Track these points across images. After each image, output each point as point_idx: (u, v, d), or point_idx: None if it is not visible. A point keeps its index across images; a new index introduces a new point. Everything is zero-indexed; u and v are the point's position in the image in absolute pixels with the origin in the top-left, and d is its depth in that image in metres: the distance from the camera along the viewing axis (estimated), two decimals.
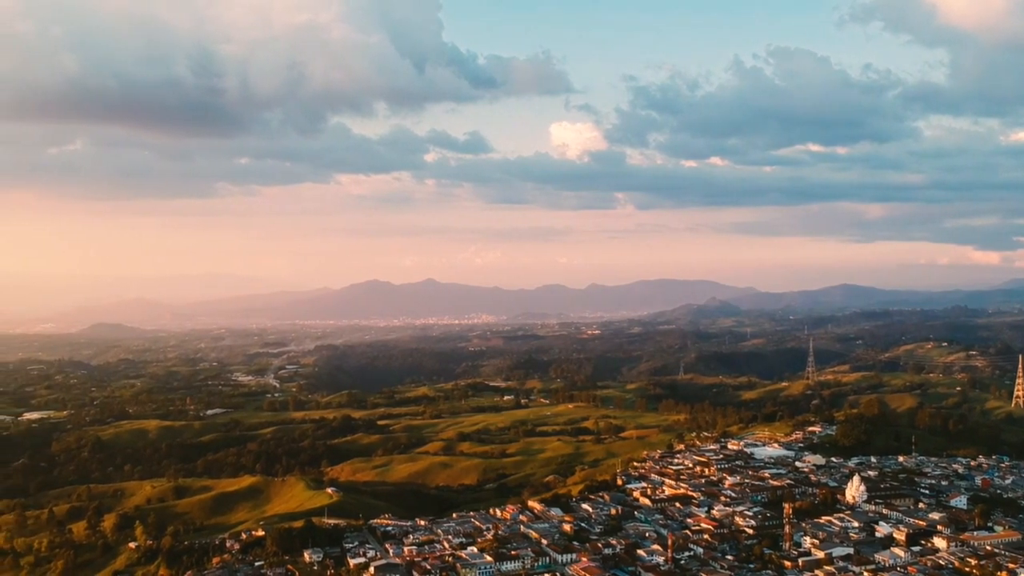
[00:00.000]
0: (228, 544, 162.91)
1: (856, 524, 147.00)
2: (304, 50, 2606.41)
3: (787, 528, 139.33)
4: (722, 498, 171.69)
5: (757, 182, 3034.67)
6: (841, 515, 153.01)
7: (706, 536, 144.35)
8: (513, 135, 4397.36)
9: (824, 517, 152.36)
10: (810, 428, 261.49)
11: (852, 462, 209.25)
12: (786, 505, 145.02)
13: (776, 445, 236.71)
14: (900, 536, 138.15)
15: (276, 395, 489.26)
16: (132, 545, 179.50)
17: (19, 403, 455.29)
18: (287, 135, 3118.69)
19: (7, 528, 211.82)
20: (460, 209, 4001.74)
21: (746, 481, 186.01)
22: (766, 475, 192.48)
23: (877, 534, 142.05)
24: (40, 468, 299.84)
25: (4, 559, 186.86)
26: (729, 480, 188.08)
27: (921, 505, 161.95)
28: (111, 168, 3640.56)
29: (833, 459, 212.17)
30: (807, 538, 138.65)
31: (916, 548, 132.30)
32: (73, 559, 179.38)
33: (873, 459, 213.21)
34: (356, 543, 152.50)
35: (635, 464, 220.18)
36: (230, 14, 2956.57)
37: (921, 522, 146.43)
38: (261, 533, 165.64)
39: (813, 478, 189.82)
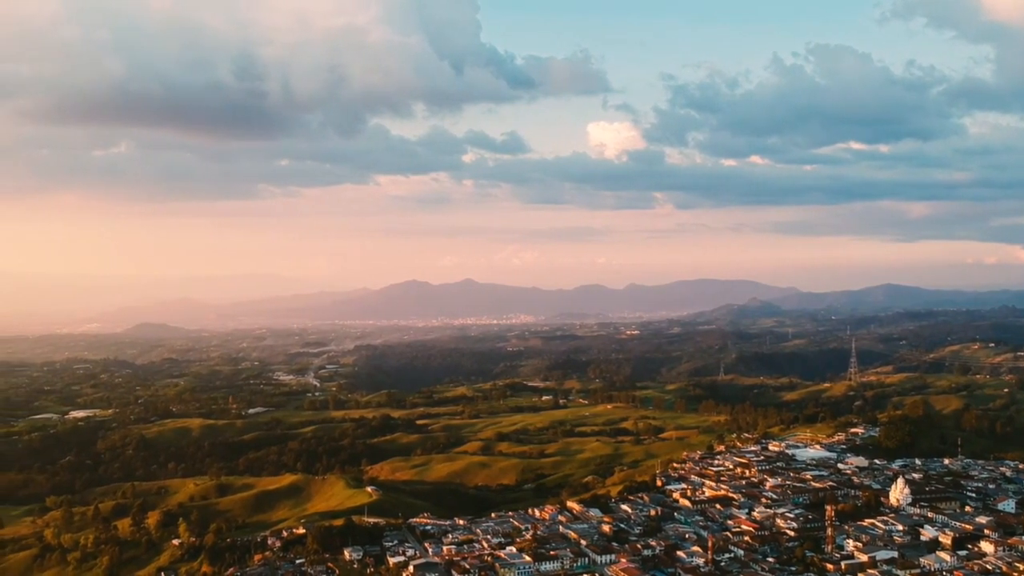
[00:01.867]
0: (270, 542, 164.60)
1: (900, 527, 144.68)
2: (343, 52, 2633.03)
3: (829, 531, 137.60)
4: (763, 500, 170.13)
5: (798, 181, 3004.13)
6: (885, 518, 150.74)
7: (747, 538, 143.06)
8: (550, 135, 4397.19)
9: (867, 520, 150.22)
10: (853, 430, 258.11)
11: (896, 464, 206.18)
12: (828, 507, 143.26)
13: (818, 447, 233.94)
14: (946, 540, 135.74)
15: (316, 394, 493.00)
16: (176, 542, 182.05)
17: (66, 401, 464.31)
18: (327, 137, 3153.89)
19: (54, 524, 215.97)
20: (498, 209, 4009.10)
21: (787, 483, 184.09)
22: (808, 477, 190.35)
23: (922, 538, 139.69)
24: (86, 466, 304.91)
25: (52, 555, 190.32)
26: (770, 482, 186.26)
27: (968, 509, 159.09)
28: (155, 170, 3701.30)
29: (876, 461, 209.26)
30: (850, 541, 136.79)
31: (962, 552, 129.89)
32: (118, 555, 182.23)
33: (918, 461, 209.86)
34: (396, 542, 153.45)
35: (675, 465, 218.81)
36: (270, 17, 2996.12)
37: (968, 526, 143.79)
38: (302, 531, 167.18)
39: (856, 480, 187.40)
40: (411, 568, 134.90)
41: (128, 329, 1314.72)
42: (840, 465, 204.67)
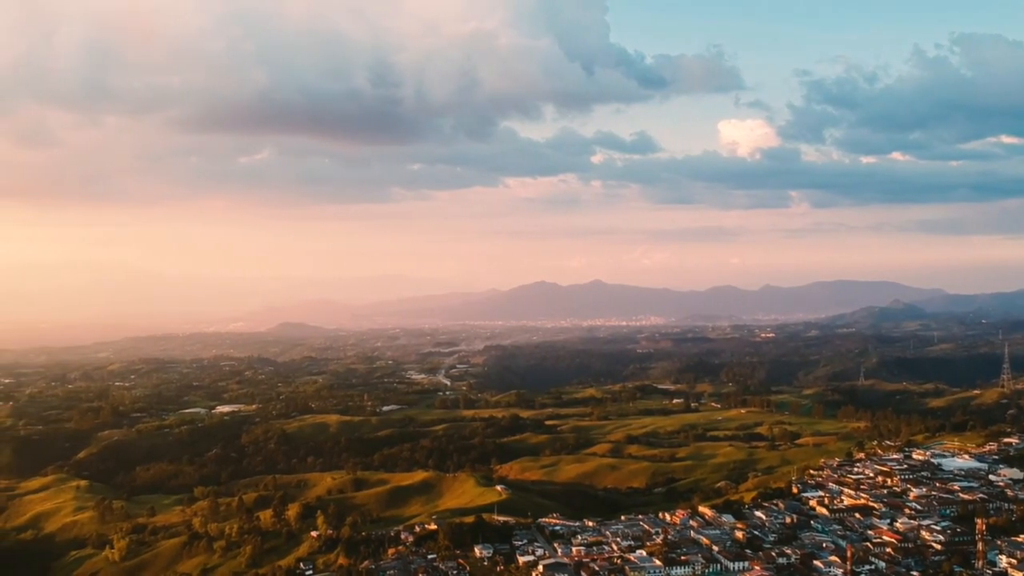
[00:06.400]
0: (403, 536, 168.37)
1: None
2: (475, 57, 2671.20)
3: (980, 545, 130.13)
4: (906, 510, 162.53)
5: (944, 178, 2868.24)
6: None
7: (888, 550, 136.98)
8: (680, 134, 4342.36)
9: (1022, 536, 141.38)
10: (1006, 440, 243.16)
11: None
12: (979, 521, 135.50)
13: (967, 456, 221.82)
14: None
15: (447, 393, 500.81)
16: (314, 534, 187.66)
17: (213, 397, 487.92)
18: (458, 140, 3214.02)
19: (202, 514, 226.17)
20: (627, 210, 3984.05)
21: (933, 494, 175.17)
22: (956, 488, 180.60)
23: None
24: (231, 458, 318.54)
25: (199, 542, 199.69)
26: (914, 492, 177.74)
27: None
28: (295, 176, 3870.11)
29: None
30: (1003, 557, 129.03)
31: None
32: (260, 545, 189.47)
33: None
34: (525, 541, 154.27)
35: (811, 472, 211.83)
36: (403, 24, 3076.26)
37: None
38: (434, 527, 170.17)
39: (1010, 493, 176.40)
40: (540, 568, 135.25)
41: (271, 328, 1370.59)
42: (991, 476, 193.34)
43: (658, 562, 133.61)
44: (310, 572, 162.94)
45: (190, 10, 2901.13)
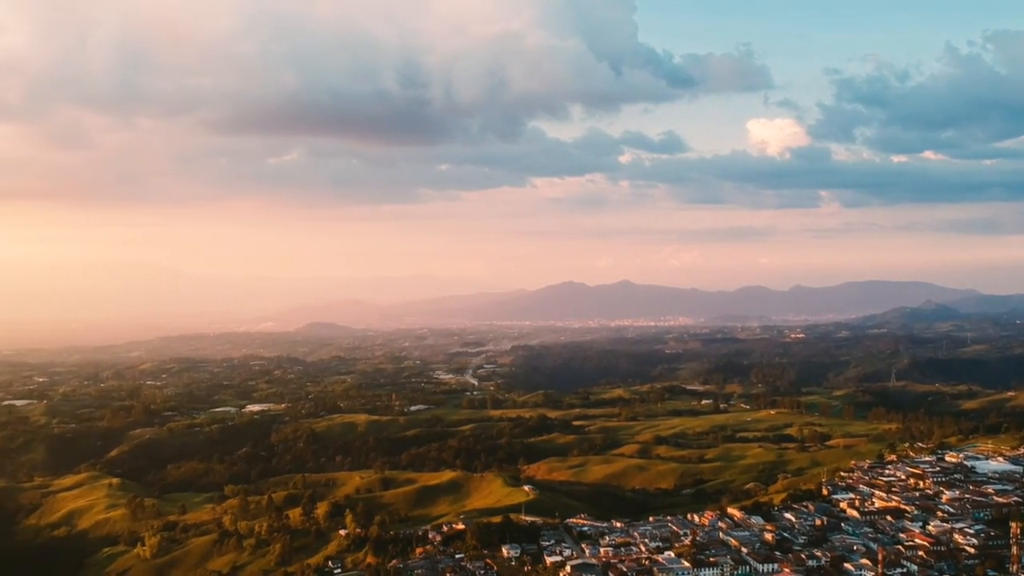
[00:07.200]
0: (430, 536, 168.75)
1: None
2: (503, 58, 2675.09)
3: (1014, 549, 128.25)
4: (939, 513, 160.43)
5: (977, 176, 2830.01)
6: None
7: (921, 553, 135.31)
8: (709, 133, 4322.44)
9: None
10: None
11: None
12: (1013, 524, 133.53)
13: (1001, 459, 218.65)
14: None
15: (475, 393, 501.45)
16: (342, 532, 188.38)
17: (243, 396, 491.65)
18: (486, 141, 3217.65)
19: (232, 512, 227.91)
20: (655, 210, 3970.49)
21: (966, 496, 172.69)
22: (990, 491, 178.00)
23: None
24: (261, 457, 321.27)
25: (229, 540, 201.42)
26: (947, 495, 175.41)
27: None
28: (324, 177, 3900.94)
29: None
30: None
31: None
32: (289, 543, 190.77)
33: None
34: (552, 541, 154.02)
35: (842, 474, 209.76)
36: (431, 25, 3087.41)
37: None
38: (461, 527, 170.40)
39: None
40: (568, 568, 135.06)
41: (300, 328, 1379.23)
42: None
43: (686, 563, 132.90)
44: (339, 571, 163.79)
45: (221, 13, 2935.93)
